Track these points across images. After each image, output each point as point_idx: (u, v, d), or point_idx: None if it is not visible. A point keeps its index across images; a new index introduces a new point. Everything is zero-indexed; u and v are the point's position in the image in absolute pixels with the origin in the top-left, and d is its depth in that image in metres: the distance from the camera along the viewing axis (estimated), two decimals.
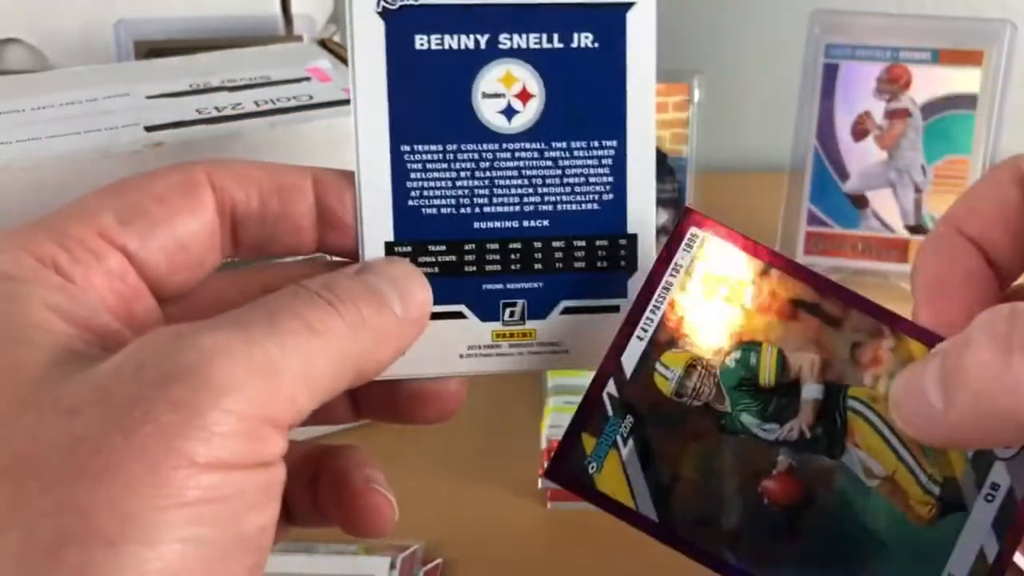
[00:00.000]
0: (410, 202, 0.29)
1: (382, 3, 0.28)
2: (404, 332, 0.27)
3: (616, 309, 0.30)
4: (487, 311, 0.30)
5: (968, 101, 0.64)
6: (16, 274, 0.24)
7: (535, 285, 0.30)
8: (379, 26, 0.29)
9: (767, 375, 0.28)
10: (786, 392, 0.28)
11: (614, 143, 0.30)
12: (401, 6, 0.29)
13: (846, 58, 0.65)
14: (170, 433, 0.21)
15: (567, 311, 0.30)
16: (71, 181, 0.39)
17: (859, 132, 0.66)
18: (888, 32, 0.65)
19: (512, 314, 0.30)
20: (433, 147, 0.29)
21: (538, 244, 0.30)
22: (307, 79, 0.47)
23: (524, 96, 0.29)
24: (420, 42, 0.29)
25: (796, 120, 0.67)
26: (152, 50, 0.61)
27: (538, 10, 0.29)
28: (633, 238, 0.31)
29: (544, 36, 0.29)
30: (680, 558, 0.28)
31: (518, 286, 0.30)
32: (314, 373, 0.24)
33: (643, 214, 0.31)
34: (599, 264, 0.30)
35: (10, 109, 0.44)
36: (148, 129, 0.42)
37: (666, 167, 0.69)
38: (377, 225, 0.29)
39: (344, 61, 0.50)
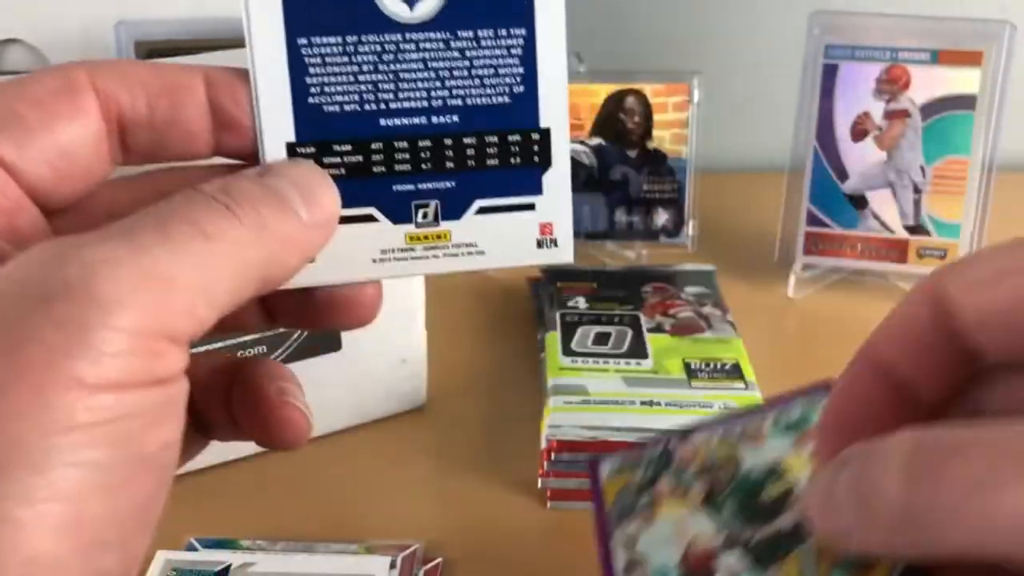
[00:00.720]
0: (310, 99, 0.28)
1: None
2: (310, 237, 0.26)
3: (532, 207, 0.30)
4: (399, 213, 0.29)
5: (967, 101, 0.64)
6: None
7: (447, 184, 0.29)
8: None
9: None
10: None
11: (523, 31, 0.29)
12: None
13: (845, 58, 0.65)
14: (56, 353, 0.20)
15: (482, 211, 0.29)
16: None
17: (858, 132, 0.66)
18: (887, 32, 0.65)
19: (425, 215, 0.29)
20: (331, 39, 0.28)
21: (448, 141, 0.29)
22: None
23: None
24: None
25: (795, 120, 0.67)
26: (152, 50, 0.60)
27: None
28: (546, 132, 0.29)
29: None
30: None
31: (430, 186, 0.29)
32: (212, 281, 0.23)
33: (556, 107, 0.29)
34: (512, 160, 0.29)
35: None
36: None
37: (666, 167, 0.69)
38: (276, 125, 0.28)
39: None
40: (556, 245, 0.30)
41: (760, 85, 0.86)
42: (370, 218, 0.29)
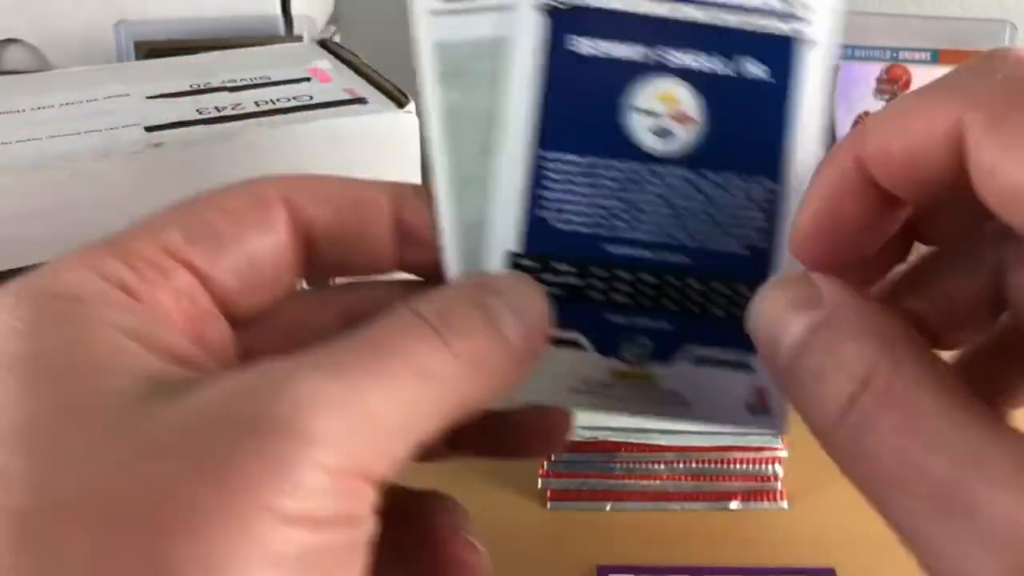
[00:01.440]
0: (543, 213, 0.27)
1: (551, 1, 0.27)
2: (520, 368, 0.25)
3: (749, 369, 0.28)
4: (607, 345, 0.28)
5: None
6: (82, 295, 0.22)
7: (664, 325, 0.28)
8: (540, 23, 0.27)
9: None
10: None
11: (774, 185, 0.27)
12: (573, 6, 0.27)
13: (846, 58, 0.65)
14: (260, 488, 0.19)
15: (695, 360, 0.28)
16: (71, 181, 0.39)
17: None
18: (888, 32, 0.65)
19: (634, 353, 0.28)
20: (576, 157, 0.27)
21: (674, 280, 0.28)
22: (307, 79, 0.47)
23: (682, 119, 0.27)
24: (580, 45, 0.27)
25: None
26: (152, 50, 0.60)
27: (713, 31, 0.27)
28: None
29: (714, 59, 0.27)
30: (679, 557, 0.28)
31: (646, 323, 0.28)
32: (419, 422, 0.22)
33: (791, 267, 0.28)
34: (737, 313, 0.27)
35: (10, 109, 0.44)
36: (148, 129, 0.42)
37: None
38: (501, 233, 0.27)
39: (344, 62, 0.50)
40: (768, 414, 0.28)
41: None
42: (576, 344, 0.28)
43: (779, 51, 0.28)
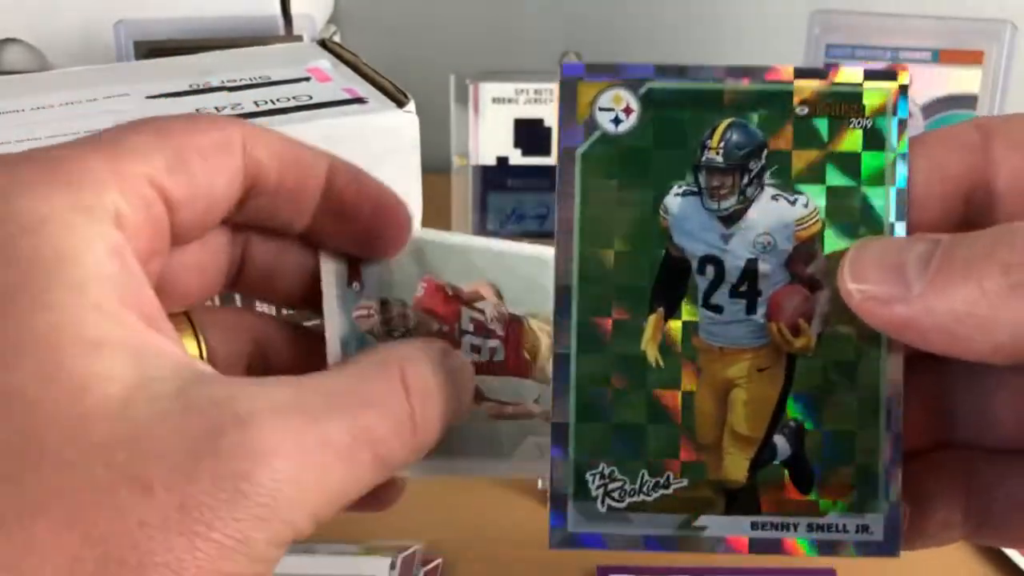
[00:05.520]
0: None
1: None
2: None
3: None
4: None
5: (968, 101, 0.63)
6: (79, 220, 0.22)
7: None
8: None
9: None
10: None
11: None
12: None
13: (846, 58, 0.65)
14: (222, 555, 0.20)
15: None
16: None
17: None
18: (888, 32, 0.65)
19: None
20: None
21: None
22: (307, 79, 0.47)
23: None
24: None
25: None
26: (152, 50, 0.60)
27: None
28: None
29: None
30: (680, 558, 0.28)
31: None
32: (359, 492, 0.23)
33: None
34: None
35: (10, 109, 0.44)
36: None
37: None
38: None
39: (344, 62, 0.50)
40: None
41: None
42: None
43: None
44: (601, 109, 0.26)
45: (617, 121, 0.26)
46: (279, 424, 0.22)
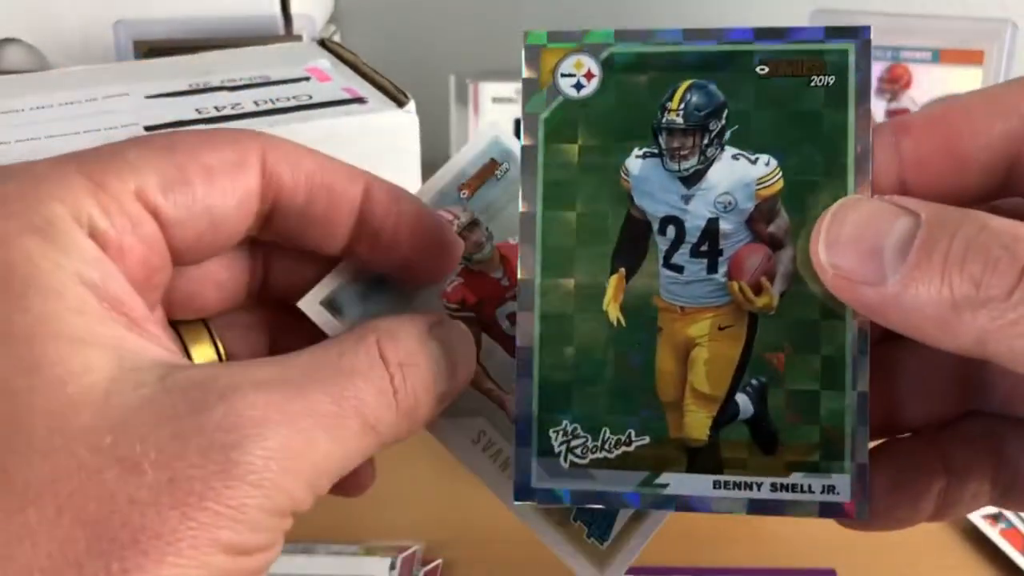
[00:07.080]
0: None
1: None
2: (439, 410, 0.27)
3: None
4: None
5: None
6: (50, 233, 0.22)
7: None
8: None
9: None
10: None
11: None
12: None
13: None
14: (216, 523, 0.21)
15: None
16: None
17: None
18: (888, 32, 0.64)
19: None
20: None
21: None
22: (307, 79, 0.47)
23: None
24: None
25: None
26: (152, 50, 0.60)
27: None
28: None
29: None
30: (680, 558, 0.28)
31: None
32: (351, 464, 0.24)
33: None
34: None
35: (10, 109, 0.44)
36: (148, 129, 0.42)
37: None
38: None
39: (344, 61, 0.50)
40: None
41: None
42: None
43: None
44: (563, 75, 0.27)
45: (579, 86, 0.26)
46: (262, 397, 0.22)
